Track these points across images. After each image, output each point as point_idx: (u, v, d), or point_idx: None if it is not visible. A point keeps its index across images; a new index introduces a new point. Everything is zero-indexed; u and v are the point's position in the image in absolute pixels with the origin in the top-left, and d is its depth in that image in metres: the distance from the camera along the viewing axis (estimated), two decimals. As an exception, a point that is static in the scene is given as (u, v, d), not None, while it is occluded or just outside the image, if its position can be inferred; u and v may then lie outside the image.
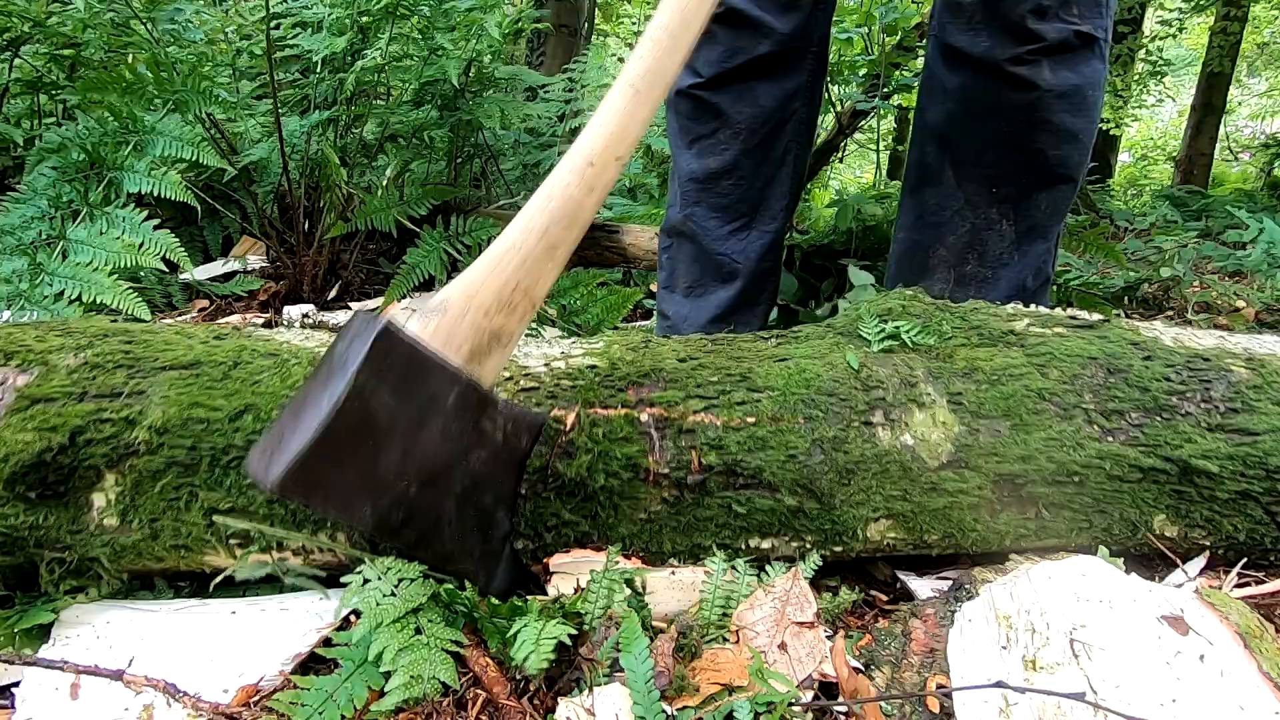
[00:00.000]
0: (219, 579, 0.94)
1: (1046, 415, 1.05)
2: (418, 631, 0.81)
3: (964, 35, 1.32)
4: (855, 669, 0.88)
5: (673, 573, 0.94)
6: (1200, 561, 1.10)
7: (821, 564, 1.01)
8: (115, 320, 1.13)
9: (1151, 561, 1.12)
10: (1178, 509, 1.06)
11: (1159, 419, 1.06)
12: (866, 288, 1.95)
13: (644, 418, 0.99)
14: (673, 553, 1.00)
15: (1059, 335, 1.13)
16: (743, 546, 1.01)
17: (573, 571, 0.96)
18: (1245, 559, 1.10)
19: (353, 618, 0.88)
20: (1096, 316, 1.19)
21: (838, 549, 1.04)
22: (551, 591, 0.96)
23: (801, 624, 0.89)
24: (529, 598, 0.90)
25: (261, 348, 1.03)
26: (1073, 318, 1.18)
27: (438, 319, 0.86)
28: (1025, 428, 1.04)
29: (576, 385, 1.00)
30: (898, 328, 1.13)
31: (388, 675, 0.79)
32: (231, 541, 0.95)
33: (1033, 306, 1.21)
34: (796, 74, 1.53)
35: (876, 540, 1.04)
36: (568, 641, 0.81)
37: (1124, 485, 1.04)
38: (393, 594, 0.84)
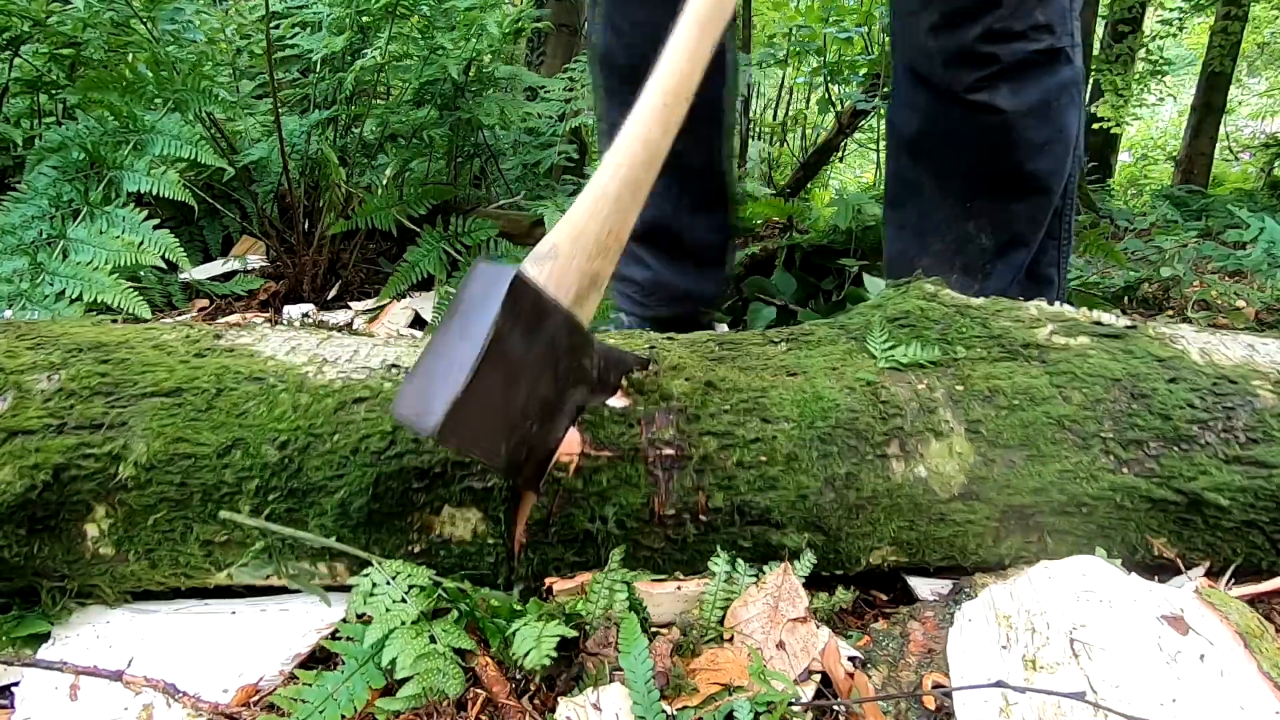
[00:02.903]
0: (215, 579, 0.93)
1: (1064, 445, 1.00)
2: (432, 640, 0.81)
3: (921, 60, 1.27)
4: (850, 671, 0.88)
5: (678, 587, 0.94)
6: (1202, 568, 1.10)
7: (816, 561, 1.01)
8: (93, 322, 1.08)
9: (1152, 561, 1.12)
10: (1180, 534, 1.02)
11: (1177, 450, 1.01)
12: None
13: (652, 460, 0.95)
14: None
15: (1082, 350, 1.07)
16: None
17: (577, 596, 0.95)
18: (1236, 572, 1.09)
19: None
20: (1124, 322, 1.13)
21: (838, 571, 1.02)
22: None
23: (795, 619, 0.89)
24: (530, 600, 0.90)
25: (245, 369, 0.98)
26: (1098, 323, 1.12)
27: (550, 264, 0.89)
28: (1041, 458, 0.99)
29: (584, 420, 0.95)
30: (907, 351, 1.08)
31: (391, 674, 0.79)
32: (229, 567, 0.93)
33: (1057, 306, 1.16)
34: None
35: (877, 563, 1.02)
36: (572, 635, 0.81)
37: (1131, 514, 1.00)
38: (404, 600, 0.84)
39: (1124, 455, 1.01)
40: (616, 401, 0.98)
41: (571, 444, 0.93)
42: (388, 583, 0.85)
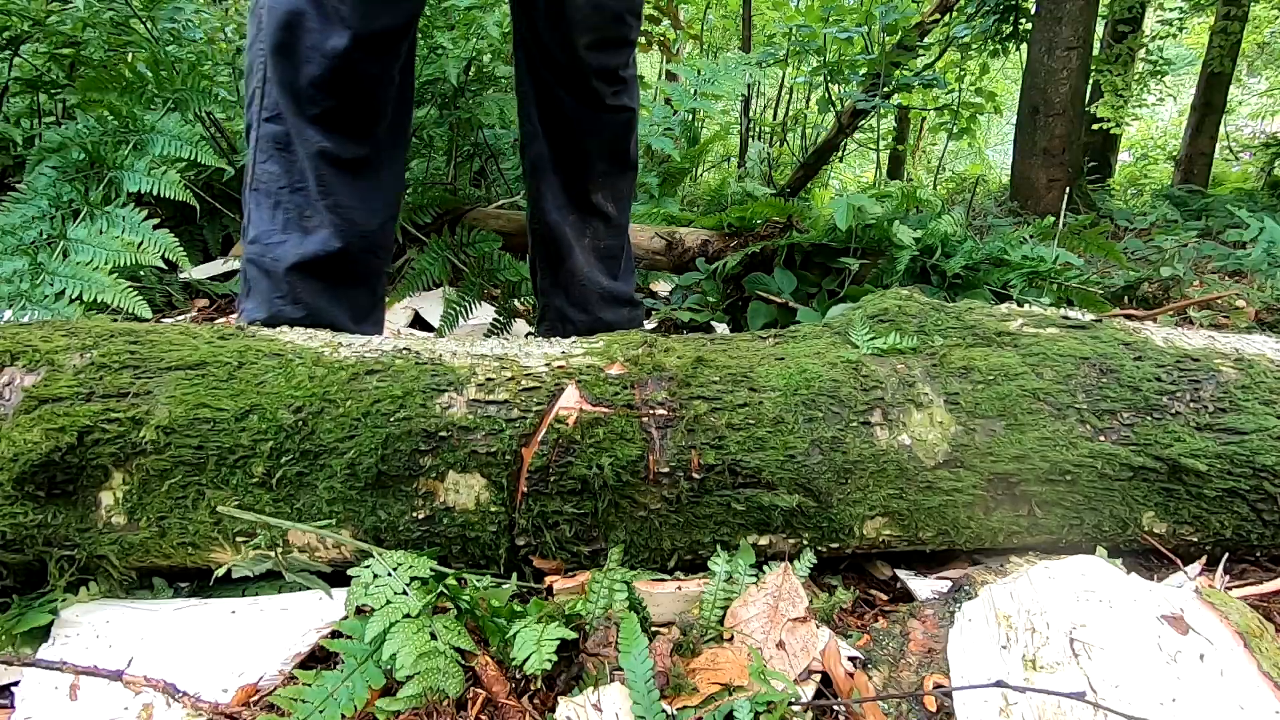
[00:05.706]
0: (220, 572, 0.94)
1: (1041, 415, 1.06)
2: (433, 637, 0.81)
3: (567, 75, 1.57)
4: (850, 671, 0.88)
5: (679, 587, 0.94)
6: (1200, 563, 1.10)
7: (817, 562, 1.01)
8: (117, 320, 1.12)
9: (1151, 562, 1.12)
10: (1166, 506, 1.07)
11: (1150, 418, 1.07)
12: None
13: (645, 417, 0.99)
14: (671, 550, 1.01)
15: (1052, 337, 1.14)
16: (740, 543, 1.02)
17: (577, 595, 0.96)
18: (1230, 554, 1.11)
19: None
20: (1089, 316, 1.20)
21: (834, 545, 1.04)
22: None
23: (795, 620, 0.90)
24: (531, 599, 0.90)
25: (266, 348, 1.03)
26: (1065, 317, 1.19)
27: None
28: (1020, 427, 1.05)
29: (579, 383, 1.00)
30: (886, 340, 1.14)
31: (391, 674, 0.79)
32: (238, 539, 0.95)
33: (1026, 306, 1.23)
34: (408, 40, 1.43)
35: (872, 537, 1.04)
36: (572, 637, 0.81)
37: (1114, 483, 1.05)
38: (404, 592, 0.84)
39: (1099, 424, 1.06)
40: (611, 370, 1.03)
41: (570, 399, 0.97)
42: (389, 574, 0.85)
